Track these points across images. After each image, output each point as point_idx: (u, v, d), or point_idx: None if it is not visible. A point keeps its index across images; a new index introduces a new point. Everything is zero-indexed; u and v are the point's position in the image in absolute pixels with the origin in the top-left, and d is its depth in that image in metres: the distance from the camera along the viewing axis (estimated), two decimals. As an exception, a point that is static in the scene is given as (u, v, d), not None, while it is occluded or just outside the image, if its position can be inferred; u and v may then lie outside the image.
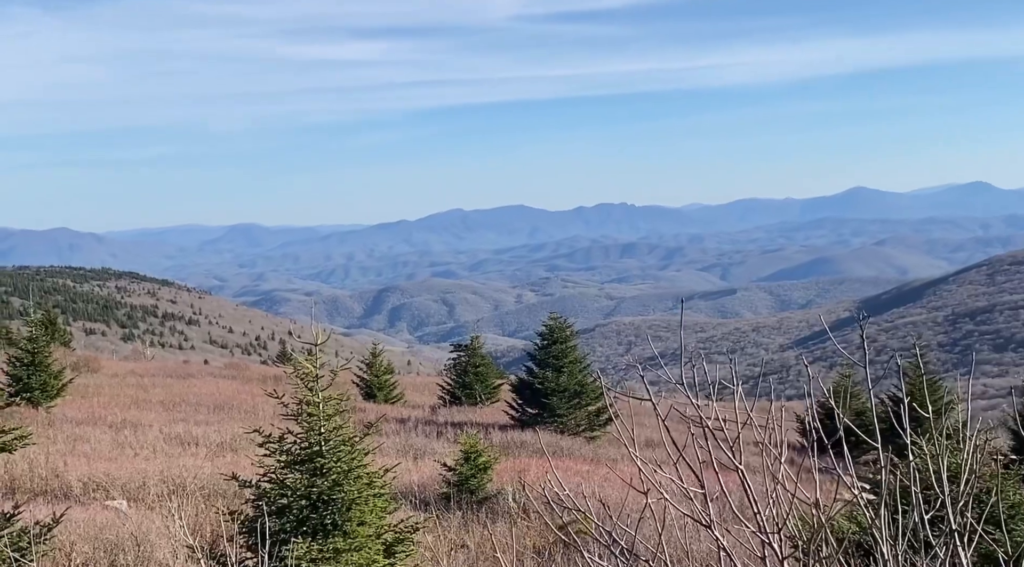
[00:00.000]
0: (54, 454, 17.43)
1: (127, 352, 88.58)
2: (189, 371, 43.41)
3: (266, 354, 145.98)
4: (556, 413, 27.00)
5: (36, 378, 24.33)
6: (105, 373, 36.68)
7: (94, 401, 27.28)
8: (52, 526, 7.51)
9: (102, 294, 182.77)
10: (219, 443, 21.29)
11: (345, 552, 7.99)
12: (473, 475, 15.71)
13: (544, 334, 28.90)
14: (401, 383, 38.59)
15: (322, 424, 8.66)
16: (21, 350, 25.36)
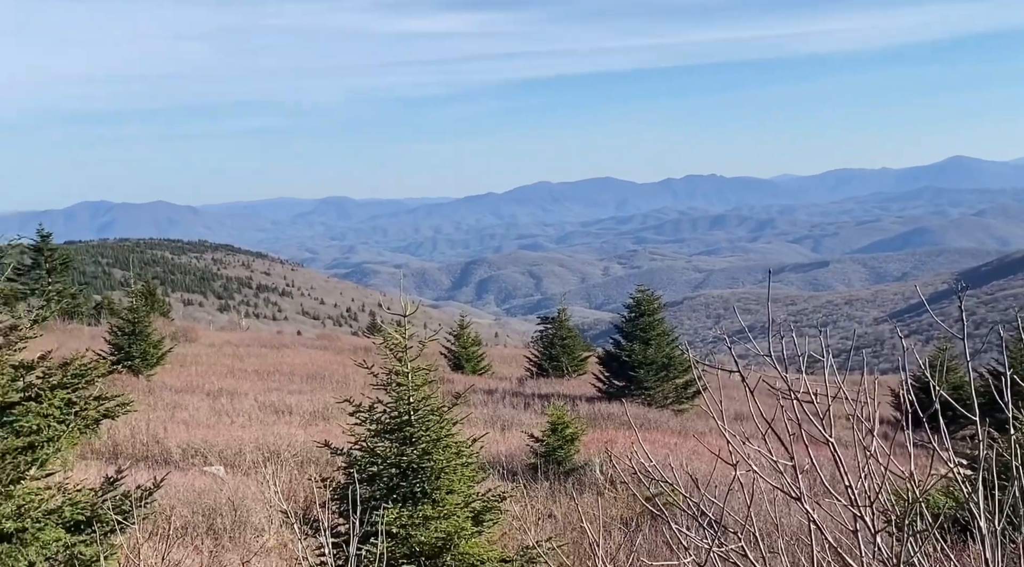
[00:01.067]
0: (154, 421, 18.02)
1: (223, 323, 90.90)
2: (282, 341, 44.34)
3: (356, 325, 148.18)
4: (643, 386, 26.91)
5: (137, 347, 25.13)
6: (202, 343, 37.67)
7: (192, 370, 28.08)
8: (153, 490, 7.75)
9: (199, 266, 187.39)
10: (312, 412, 21.73)
11: (434, 520, 8.09)
12: (560, 446, 15.76)
13: (631, 307, 28.77)
14: (488, 355, 38.85)
15: (411, 394, 8.76)
16: (123, 320, 26.22)
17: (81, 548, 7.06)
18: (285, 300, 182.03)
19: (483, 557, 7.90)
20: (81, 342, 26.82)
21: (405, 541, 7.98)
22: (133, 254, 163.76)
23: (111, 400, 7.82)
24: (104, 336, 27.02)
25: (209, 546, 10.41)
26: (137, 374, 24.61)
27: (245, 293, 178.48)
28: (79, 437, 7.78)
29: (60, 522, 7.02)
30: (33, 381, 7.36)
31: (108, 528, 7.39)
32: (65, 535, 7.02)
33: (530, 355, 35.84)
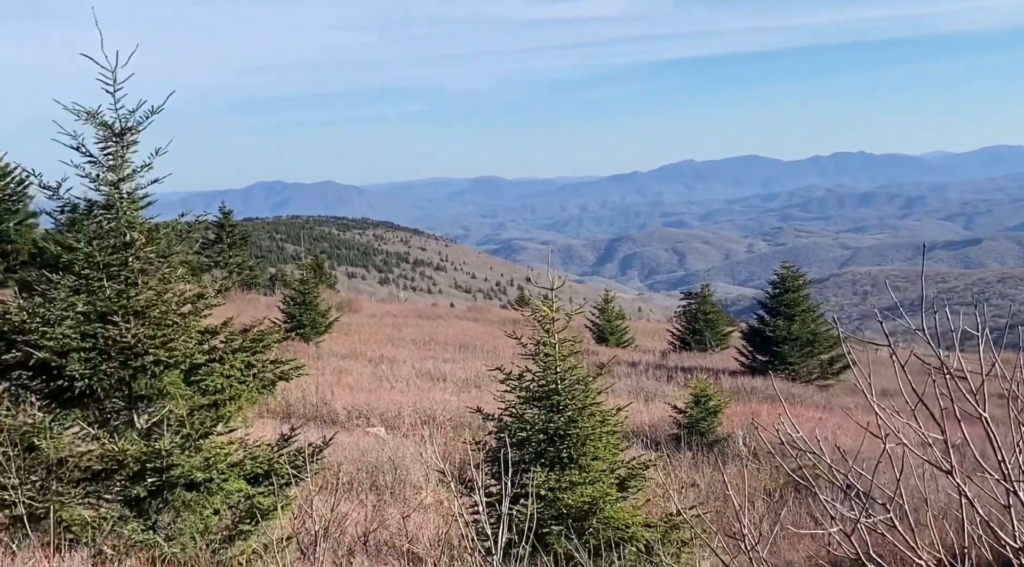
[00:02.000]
0: (322, 384, 18.70)
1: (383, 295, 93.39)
2: (437, 313, 45.23)
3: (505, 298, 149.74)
4: (787, 361, 26.31)
5: (307, 316, 26.12)
6: (364, 313, 38.80)
7: (355, 338, 28.98)
8: (323, 448, 8.06)
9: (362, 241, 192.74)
10: (464, 379, 22.13)
11: (580, 484, 8.15)
12: (703, 418, 15.60)
13: (776, 283, 28.14)
14: (632, 328, 38.68)
15: (558, 364, 8.83)
16: (295, 291, 27.29)
17: (260, 498, 7.42)
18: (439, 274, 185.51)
19: (628, 522, 7.91)
20: (258, 310, 28.05)
21: (553, 503, 8.07)
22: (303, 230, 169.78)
23: (286, 364, 8.17)
24: (278, 305, 28.17)
25: (372, 501, 10.77)
26: (307, 341, 25.58)
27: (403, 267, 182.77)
28: (257, 397, 8.16)
29: (242, 474, 7.39)
30: (217, 345, 7.76)
31: (284, 481, 7.74)
32: (246, 486, 7.40)
33: (673, 329, 35.50)
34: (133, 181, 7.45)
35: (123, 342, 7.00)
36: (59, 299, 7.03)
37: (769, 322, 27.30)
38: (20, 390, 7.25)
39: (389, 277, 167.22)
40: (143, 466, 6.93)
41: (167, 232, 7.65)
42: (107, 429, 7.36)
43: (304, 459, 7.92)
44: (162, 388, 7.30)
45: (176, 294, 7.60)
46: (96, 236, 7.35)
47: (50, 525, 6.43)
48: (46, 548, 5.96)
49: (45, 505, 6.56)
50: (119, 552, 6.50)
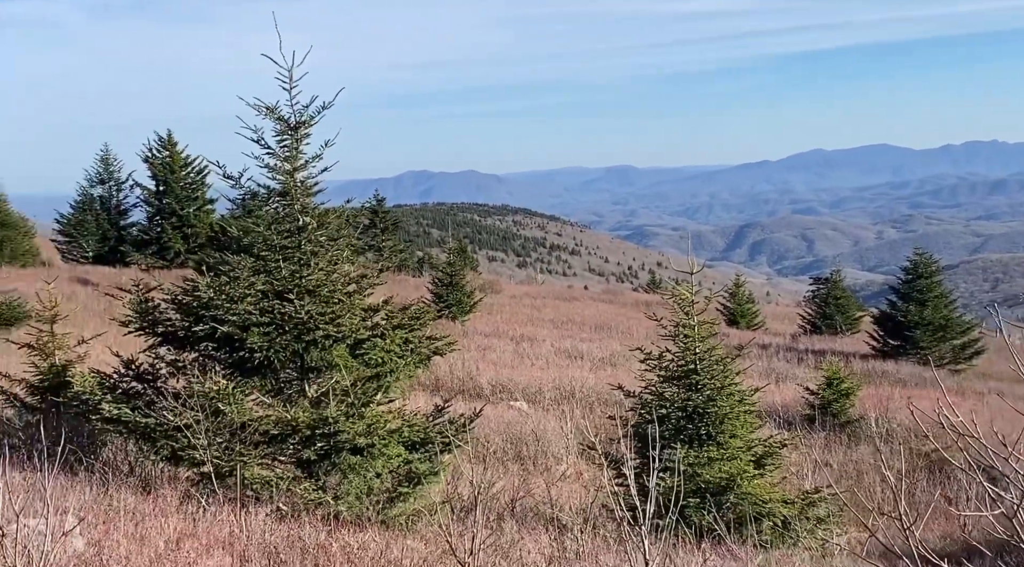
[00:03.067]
0: (468, 360, 18.95)
1: (521, 277, 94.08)
2: (572, 295, 45.22)
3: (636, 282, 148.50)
4: (919, 345, 25.21)
5: (453, 296, 26.54)
6: (505, 295, 39.12)
7: (497, 317, 29.27)
8: (473, 419, 8.19)
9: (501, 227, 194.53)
10: (600, 358, 22.04)
11: (718, 461, 8.03)
12: (835, 399, 15.11)
13: (908, 269, 26.97)
14: (761, 312, 37.76)
15: (697, 345, 8.70)
16: (443, 273, 27.78)
17: (417, 464, 7.60)
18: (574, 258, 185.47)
19: (765, 497, 7.75)
20: (407, 291, 28.65)
21: (692, 478, 7.97)
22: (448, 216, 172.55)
23: (440, 340, 8.33)
24: (427, 286, 28.71)
25: (517, 470, 10.89)
26: (453, 319, 25.99)
27: (540, 251, 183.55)
28: (414, 370, 8.35)
29: (400, 440, 7.58)
30: (379, 321, 7.96)
31: (438, 449, 7.90)
32: (405, 452, 7.58)
33: (803, 313, 34.49)
34: (306, 170, 7.71)
35: (297, 318, 7.26)
36: (242, 278, 7.34)
37: (901, 307, 26.23)
38: (207, 360, 7.62)
39: (527, 261, 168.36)
40: (313, 431, 7.18)
41: (335, 217, 7.88)
42: (281, 397, 7.66)
43: (456, 429, 8.06)
44: (330, 360, 7.54)
45: (343, 274, 7.83)
46: (273, 221, 7.64)
47: (234, 483, 6.74)
48: (231, 503, 6.25)
49: (230, 464, 6.89)
50: (296, 509, 6.76)
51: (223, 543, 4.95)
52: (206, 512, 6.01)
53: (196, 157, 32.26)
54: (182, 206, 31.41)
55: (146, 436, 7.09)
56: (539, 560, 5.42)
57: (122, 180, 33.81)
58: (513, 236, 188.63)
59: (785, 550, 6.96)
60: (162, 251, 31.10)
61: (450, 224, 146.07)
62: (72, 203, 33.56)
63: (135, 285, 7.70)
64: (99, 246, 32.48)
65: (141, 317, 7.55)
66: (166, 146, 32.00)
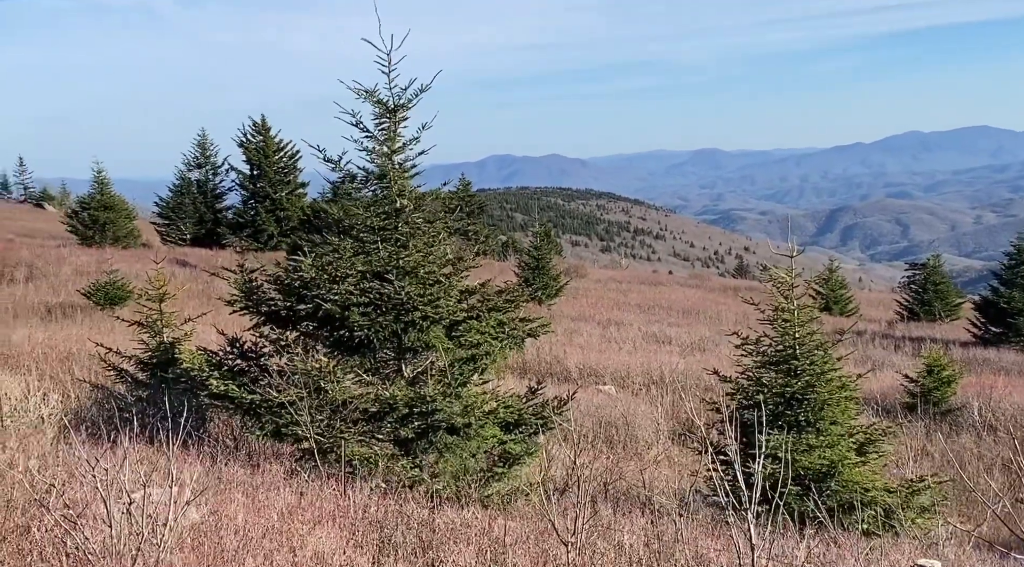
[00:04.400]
0: (555, 344, 18.99)
1: (605, 262, 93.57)
2: (658, 280, 44.85)
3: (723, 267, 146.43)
4: (1022, 333, 24.29)
5: (539, 280, 26.62)
6: (590, 279, 39.03)
7: (583, 301, 29.23)
8: (566, 402, 8.21)
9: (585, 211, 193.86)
10: (689, 343, 21.84)
11: (818, 448, 7.87)
12: (936, 387, 14.67)
13: (1012, 254, 26.01)
14: (855, 298, 36.85)
15: (796, 329, 8.54)
16: (529, 256, 27.86)
17: (512, 445, 7.66)
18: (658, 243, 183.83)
19: (867, 485, 7.58)
20: (493, 274, 28.74)
21: (791, 465, 7.84)
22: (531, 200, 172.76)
23: (533, 322, 8.36)
24: (513, 270, 28.83)
25: (607, 453, 10.87)
26: (540, 303, 26.06)
27: (623, 236, 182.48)
28: (508, 352, 8.40)
29: (495, 421, 7.65)
30: (474, 303, 8.03)
31: (531, 430, 7.94)
32: (499, 432, 7.65)
33: (899, 299, 33.54)
34: (403, 153, 7.80)
35: (396, 299, 7.37)
36: (344, 259, 7.48)
37: (1004, 293, 25.31)
38: (308, 339, 7.80)
39: (610, 245, 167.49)
40: (410, 410, 7.29)
41: (432, 199, 7.97)
42: (380, 376, 7.79)
43: (549, 411, 8.10)
44: (427, 341, 7.63)
45: (439, 256, 7.91)
46: (372, 203, 7.76)
47: (336, 459, 6.90)
48: (335, 479, 6.39)
49: (331, 440, 7.05)
50: (395, 486, 6.89)
51: (331, 516, 5.08)
52: (311, 486, 6.17)
53: (288, 142, 33.00)
54: (275, 190, 32.17)
55: (251, 412, 7.30)
56: (636, 542, 5.41)
57: (218, 164, 34.81)
58: (597, 220, 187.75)
59: (889, 539, 6.81)
60: (256, 234, 31.91)
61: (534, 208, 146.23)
62: (171, 187, 34.69)
63: (239, 266, 7.92)
64: (196, 228, 33.50)
65: (246, 296, 7.76)
66: (260, 131, 32.79)
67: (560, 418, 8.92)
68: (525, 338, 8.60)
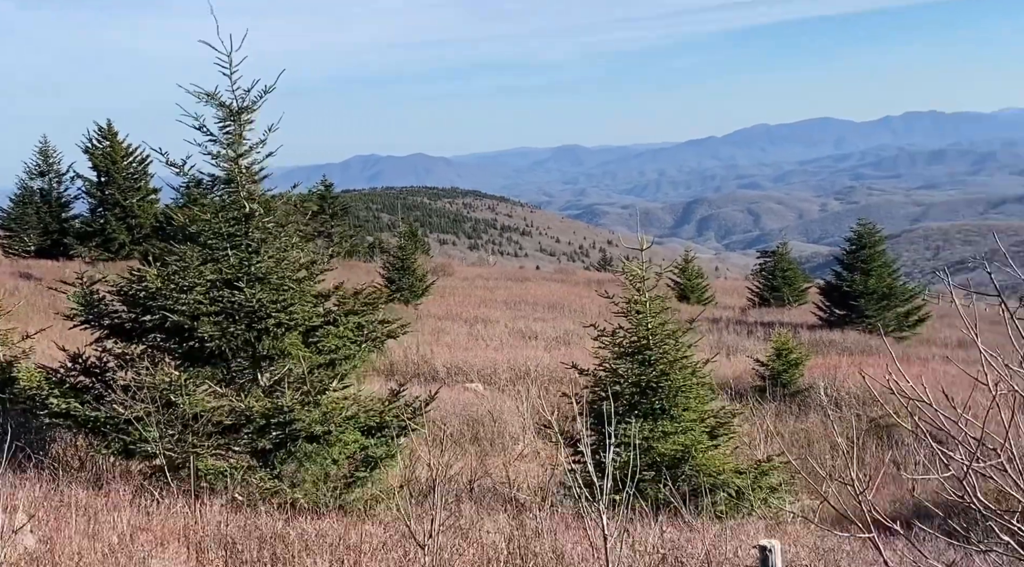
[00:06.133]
0: (422, 344, 18.88)
1: (473, 259, 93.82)
2: (525, 275, 45.26)
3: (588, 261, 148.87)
4: (864, 314, 25.69)
5: (405, 280, 26.42)
6: (457, 277, 39.04)
7: (450, 300, 29.18)
8: (429, 402, 8.16)
9: (451, 210, 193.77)
10: (554, 337, 22.12)
11: (673, 434, 8.10)
12: (785, 370, 15.34)
13: (852, 240, 27.46)
14: (711, 286, 38.16)
15: (649, 320, 8.75)
16: (394, 257, 27.61)
17: (374, 449, 7.56)
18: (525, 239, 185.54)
19: (719, 468, 7.84)
20: (359, 276, 28.40)
21: (647, 452, 8.03)
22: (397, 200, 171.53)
23: (393, 323, 8.28)
24: (378, 271, 28.51)
25: (474, 451, 10.89)
26: (406, 303, 25.86)
27: (491, 233, 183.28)
28: (368, 355, 8.29)
29: (357, 426, 7.53)
30: (331, 308, 7.89)
31: (394, 433, 7.86)
32: (361, 437, 7.54)
33: (751, 286, 34.93)
34: (250, 156, 7.59)
35: (248, 306, 7.15)
36: (191, 267, 7.21)
37: (846, 277, 26.70)
38: (156, 352, 7.48)
39: (478, 243, 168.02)
40: (268, 421, 7.10)
41: (283, 203, 7.78)
42: (234, 387, 7.55)
43: (413, 412, 8.03)
44: (283, 348, 7.45)
45: (292, 261, 7.74)
46: (220, 209, 7.52)
47: (187, 475, 6.64)
48: (186, 495, 6.16)
49: (183, 456, 6.79)
50: (251, 499, 6.69)
51: (178, 535, 4.88)
52: (160, 505, 5.92)
53: (138, 146, 31.64)
54: (125, 196, 30.81)
55: (96, 430, 6.96)
56: (498, 540, 5.43)
57: (63, 172, 33.05)
58: (464, 218, 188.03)
59: (740, 519, 7.06)
60: (106, 243, 30.48)
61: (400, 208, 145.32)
62: (12, 197, 32.74)
63: (79, 278, 7.53)
64: (41, 239, 31.74)
65: (87, 310, 7.39)
66: (106, 136, 31.33)
67: (425, 418, 8.87)
68: (386, 340, 8.52)
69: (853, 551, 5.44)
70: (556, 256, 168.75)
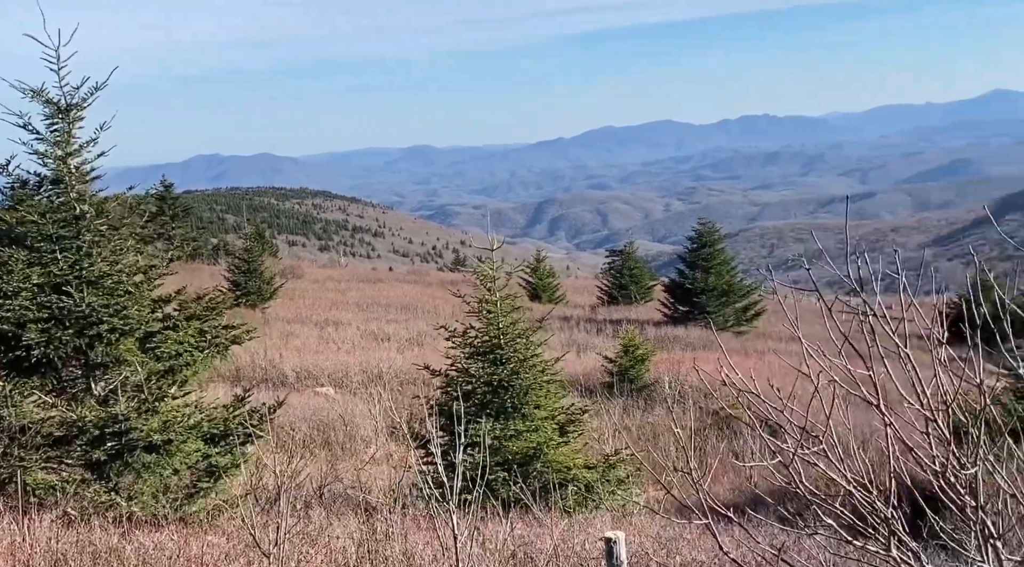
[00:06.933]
0: (270, 348, 18.46)
1: (323, 261, 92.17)
2: (378, 277, 44.89)
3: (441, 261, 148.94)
4: (706, 310, 26.77)
5: (252, 283, 25.71)
6: (308, 279, 38.34)
7: (300, 303, 28.63)
8: (276, 408, 7.97)
9: (300, 211, 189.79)
10: (408, 338, 22.04)
11: (524, 432, 8.20)
12: (632, 366, 15.79)
13: (693, 238, 28.56)
14: (562, 285, 38.86)
15: (500, 320, 8.84)
16: (239, 259, 26.82)
17: (217, 457, 7.32)
18: (377, 240, 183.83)
19: (569, 464, 8.00)
20: (203, 280, 27.43)
21: (498, 451, 8.10)
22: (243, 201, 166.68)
23: (238, 328, 8.04)
24: (223, 274, 27.65)
25: (325, 456, 10.71)
26: (253, 307, 25.18)
27: (342, 234, 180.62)
28: (211, 361, 8.02)
29: (199, 435, 7.27)
30: (171, 313, 7.59)
31: (240, 440, 7.64)
32: (204, 446, 7.28)
33: (600, 285, 35.80)
34: (80, 156, 7.22)
35: (78, 311, 6.80)
36: (16, 271, 6.79)
37: (688, 275, 27.75)
38: (-23, 363, 7.01)
39: (329, 244, 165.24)
40: (102, 431, 6.77)
41: (117, 204, 7.44)
42: (66, 396, 7.17)
43: (259, 419, 7.83)
44: (118, 355, 7.12)
45: (128, 264, 7.40)
46: (48, 210, 7.12)
47: (15, 490, 6.26)
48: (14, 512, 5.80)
49: (9, 471, 6.39)
50: (85, 513, 6.36)
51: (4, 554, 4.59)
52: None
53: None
54: (-57, 197, 28.73)
55: (-91, 449, 6.46)
56: (348, 544, 5.36)
57: None
58: (314, 220, 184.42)
59: (588, 513, 7.22)
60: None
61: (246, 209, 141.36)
62: None
63: None
64: None
65: None
66: (-79, 132, 29.14)
67: (272, 425, 8.66)
68: (230, 345, 8.26)
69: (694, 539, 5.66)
70: (409, 257, 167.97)
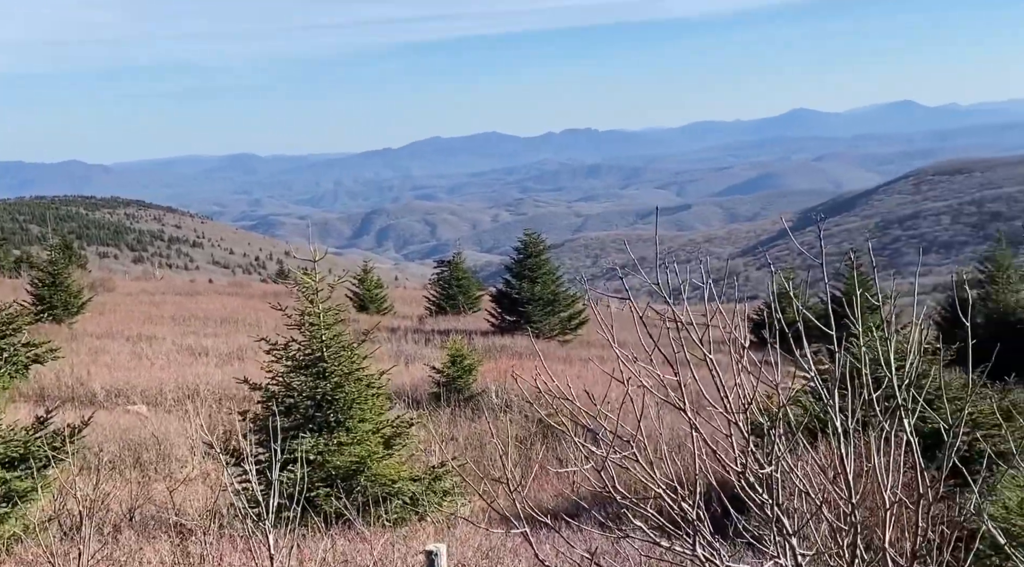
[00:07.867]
0: (78, 365, 17.38)
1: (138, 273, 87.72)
2: (196, 289, 43.17)
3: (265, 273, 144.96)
4: (532, 320, 27.20)
5: (58, 297, 24.19)
6: (120, 292, 36.44)
7: (111, 317, 27.15)
8: (81, 428, 7.54)
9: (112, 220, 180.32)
10: (227, 353, 21.30)
11: (348, 446, 8.08)
12: (459, 376, 15.85)
13: (520, 249, 29.00)
14: (390, 296, 38.62)
15: (323, 332, 8.68)
16: (43, 272, 25.17)
17: (16, 482, 6.84)
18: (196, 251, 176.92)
19: (394, 477, 7.94)
20: (3, 294, 25.61)
21: (322, 466, 7.95)
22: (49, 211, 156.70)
23: (39, 346, 7.57)
24: (26, 288, 25.90)
25: (136, 477, 10.18)
26: (59, 322, 23.69)
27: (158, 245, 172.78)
28: (10, 382, 7.49)
29: (-6, 461, 6.77)
30: (-40, 330, 7.04)
31: (41, 464, 7.17)
32: (1, 471, 6.79)
33: (429, 295, 35.79)
34: None
35: None
36: None
37: (515, 285, 28.13)
38: None
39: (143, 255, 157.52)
40: None
41: None
42: None
43: (63, 440, 7.37)
44: (-102, 378, 6.53)
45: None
46: None
47: None
48: None
49: None
50: None
51: None
52: None
53: None
54: None
55: None
56: (162, 570, 5.11)
57: None
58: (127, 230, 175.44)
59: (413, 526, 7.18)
60: None
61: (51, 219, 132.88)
62: None
63: None
64: None
65: None
66: None
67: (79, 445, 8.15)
68: (31, 364, 7.73)
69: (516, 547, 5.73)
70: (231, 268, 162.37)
